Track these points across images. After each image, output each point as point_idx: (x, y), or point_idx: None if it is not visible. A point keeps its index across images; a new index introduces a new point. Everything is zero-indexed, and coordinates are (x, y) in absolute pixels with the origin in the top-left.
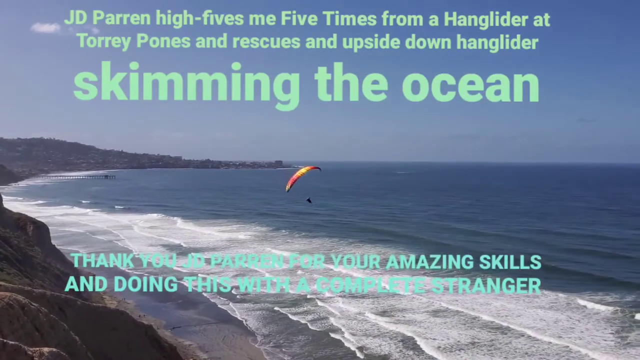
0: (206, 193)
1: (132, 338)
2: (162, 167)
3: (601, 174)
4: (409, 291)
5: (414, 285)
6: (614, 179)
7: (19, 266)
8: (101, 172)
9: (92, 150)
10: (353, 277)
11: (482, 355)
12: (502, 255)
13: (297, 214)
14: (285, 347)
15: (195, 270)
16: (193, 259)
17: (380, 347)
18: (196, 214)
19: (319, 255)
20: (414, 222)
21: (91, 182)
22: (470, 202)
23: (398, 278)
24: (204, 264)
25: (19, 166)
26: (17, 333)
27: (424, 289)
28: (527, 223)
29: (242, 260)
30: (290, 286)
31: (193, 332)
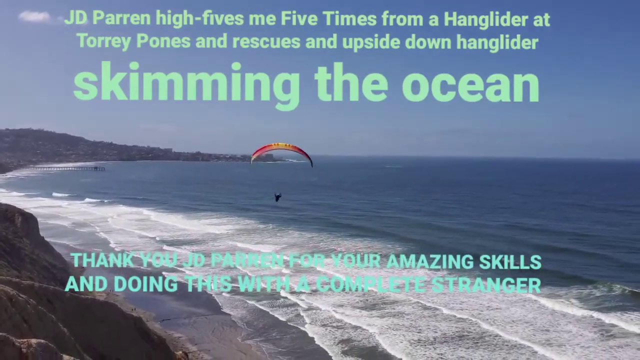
0: (195, 186)
1: (120, 330)
2: (152, 160)
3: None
4: (394, 287)
5: (406, 282)
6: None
7: (7, 258)
8: (91, 163)
9: (82, 141)
10: (340, 273)
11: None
12: (498, 254)
13: (282, 209)
14: (274, 340)
15: (183, 264)
16: (181, 252)
17: (367, 340)
18: (184, 207)
19: (309, 250)
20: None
21: (80, 174)
22: (456, 198)
23: (388, 274)
24: (192, 257)
25: (6, 157)
26: (5, 325)
27: (414, 286)
28: (509, 219)
29: (231, 253)
30: (280, 281)
31: (182, 325)
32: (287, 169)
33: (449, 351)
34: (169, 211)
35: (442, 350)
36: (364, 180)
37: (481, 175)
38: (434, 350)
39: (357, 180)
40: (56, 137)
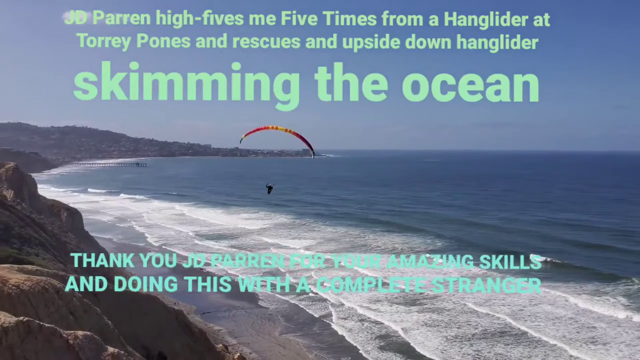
0: (232, 182)
1: (163, 323)
2: (191, 155)
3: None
4: (432, 284)
5: (444, 279)
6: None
7: (53, 252)
8: (132, 159)
9: (124, 138)
10: (376, 270)
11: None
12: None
13: (317, 204)
14: (312, 335)
15: (220, 258)
16: (218, 247)
17: (403, 336)
18: (220, 203)
19: (345, 246)
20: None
21: (123, 170)
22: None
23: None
24: (229, 252)
25: (53, 154)
26: (53, 316)
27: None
28: (551, 214)
29: (267, 249)
30: (316, 277)
31: (222, 318)
32: (322, 163)
33: (486, 348)
34: (206, 206)
35: (480, 347)
36: (401, 175)
37: (521, 168)
38: (470, 347)
39: (394, 174)
40: (99, 134)
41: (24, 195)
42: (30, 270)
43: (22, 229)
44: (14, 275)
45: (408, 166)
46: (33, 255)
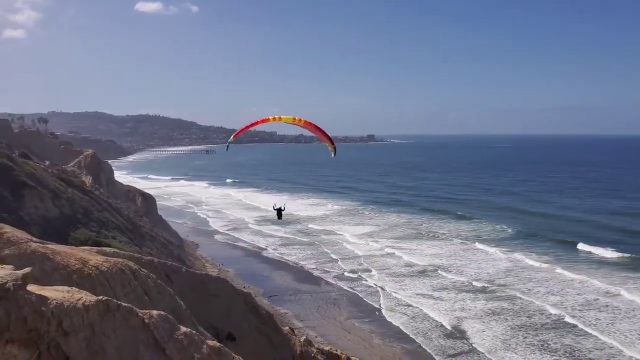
0: (296, 167)
1: (232, 305)
2: (258, 142)
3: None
4: (500, 272)
5: (512, 267)
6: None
7: (129, 235)
8: (202, 147)
9: (194, 126)
10: (442, 257)
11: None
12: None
13: (380, 192)
14: (376, 322)
15: (286, 243)
16: (284, 232)
17: (467, 324)
18: (285, 188)
19: (409, 233)
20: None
21: (193, 157)
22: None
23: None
24: (295, 237)
25: (127, 141)
26: (129, 296)
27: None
28: (627, 203)
29: (331, 234)
30: (380, 263)
31: (288, 301)
32: (387, 149)
33: (553, 338)
34: (271, 192)
35: (546, 337)
36: (471, 160)
37: (595, 154)
38: (535, 337)
39: (464, 160)
40: (171, 122)
41: (101, 181)
42: (108, 252)
43: (100, 213)
44: (93, 257)
45: (477, 152)
46: (110, 239)
